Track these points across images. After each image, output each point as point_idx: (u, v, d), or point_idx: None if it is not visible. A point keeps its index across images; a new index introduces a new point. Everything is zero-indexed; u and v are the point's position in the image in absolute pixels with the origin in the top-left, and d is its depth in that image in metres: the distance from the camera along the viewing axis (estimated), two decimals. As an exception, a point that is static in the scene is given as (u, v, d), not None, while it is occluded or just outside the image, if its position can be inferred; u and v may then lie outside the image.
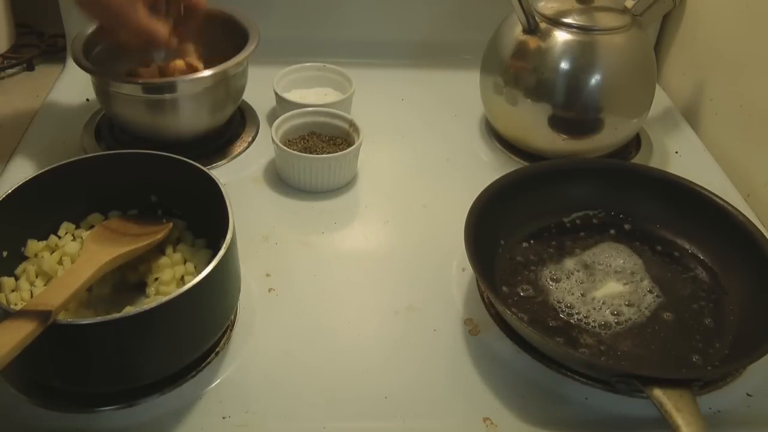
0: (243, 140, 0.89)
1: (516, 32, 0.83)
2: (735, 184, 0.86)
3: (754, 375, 0.61)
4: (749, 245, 0.67)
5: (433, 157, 0.88)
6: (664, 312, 0.66)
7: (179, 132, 0.84)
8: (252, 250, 0.71)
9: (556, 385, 0.60)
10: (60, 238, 0.65)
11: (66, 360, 0.53)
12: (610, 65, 0.81)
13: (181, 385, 0.58)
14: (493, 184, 0.71)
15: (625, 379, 0.54)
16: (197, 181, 0.63)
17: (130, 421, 0.56)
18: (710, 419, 0.55)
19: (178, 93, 0.80)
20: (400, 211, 0.80)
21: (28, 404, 0.56)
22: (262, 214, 0.78)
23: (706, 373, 0.61)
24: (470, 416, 0.57)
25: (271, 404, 0.58)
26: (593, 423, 0.57)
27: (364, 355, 0.62)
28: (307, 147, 0.83)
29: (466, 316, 0.66)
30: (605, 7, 0.84)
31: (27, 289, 0.60)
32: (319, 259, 0.72)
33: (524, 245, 0.73)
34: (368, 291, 0.69)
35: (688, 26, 1.03)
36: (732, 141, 0.91)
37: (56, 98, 0.96)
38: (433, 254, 0.73)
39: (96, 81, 0.82)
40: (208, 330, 0.58)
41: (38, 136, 0.89)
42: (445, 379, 0.61)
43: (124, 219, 0.67)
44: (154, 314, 0.51)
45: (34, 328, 0.47)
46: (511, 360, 0.62)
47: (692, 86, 1.00)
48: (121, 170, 0.66)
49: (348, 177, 0.82)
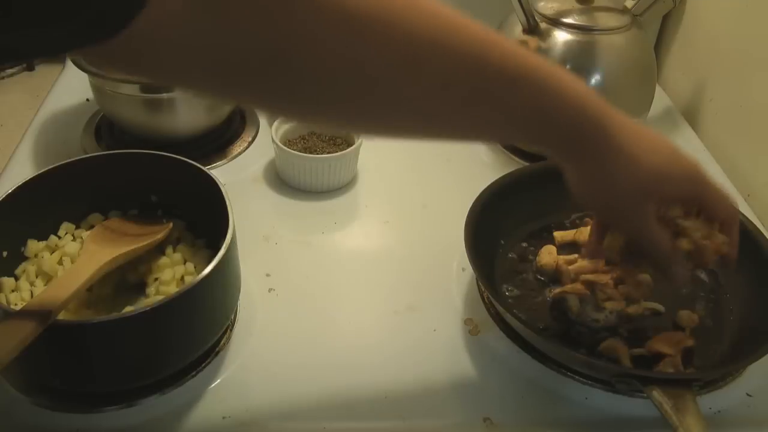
0: (243, 140, 0.90)
1: (516, 32, 0.83)
2: (735, 184, 0.86)
3: (754, 375, 0.61)
4: (749, 245, 0.67)
5: (433, 157, 0.88)
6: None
7: (177, 131, 0.84)
8: (252, 250, 0.71)
9: (556, 385, 0.60)
10: (60, 238, 0.65)
11: (66, 360, 0.53)
12: (610, 65, 0.81)
13: (182, 384, 0.58)
14: (493, 184, 0.71)
15: (625, 379, 0.54)
16: (197, 181, 0.63)
17: (130, 421, 0.56)
18: (710, 419, 0.55)
19: (175, 92, 0.80)
20: (400, 211, 0.80)
21: (28, 404, 0.56)
22: (262, 214, 0.78)
23: (706, 373, 0.61)
24: (470, 416, 0.57)
25: (271, 404, 0.58)
26: (593, 423, 0.57)
27: (364, 355, 0.62)
28: (307, 147, 0.83)
29: (466, 316, 0.66)
30: (605, 7, 0.84)
31: (27, 289, 0.60)
32: (319, 259, 0.72)
33: (524, 245, 0.73)
34: (368, 291, 0.69)
35: (688, 26, 1.03)
36: (732, 141, 0.91)
37: (56, 98, 0.96)
38: (433, 254, 0.73)
39: (94, 81, 0.82)
40: (208, 330, 0.58)
41: (38, 136, 0.89)
42: (445, 379, 0.61)
43: (124, 219, 0.67)
44: (154, 314, 0.51)
45: (34, 328, 0.47)
46: (511, 360, 0.62)
47: (692, 86, 1.00)
48: (121, 170, 0.66)
49: (348, 177, 0.82)
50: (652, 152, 0.49)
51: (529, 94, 0.43)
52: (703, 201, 0.52)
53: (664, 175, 0.49)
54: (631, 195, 0.49)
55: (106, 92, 0.81)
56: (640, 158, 0.48)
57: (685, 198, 0.52)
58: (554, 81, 0.44)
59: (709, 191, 0.52)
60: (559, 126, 0.46)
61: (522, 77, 0.43)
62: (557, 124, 0.46)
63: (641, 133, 0.49)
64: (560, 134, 0.46)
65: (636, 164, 0.48)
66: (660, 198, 0.50)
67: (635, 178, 0.48)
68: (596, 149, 0.47)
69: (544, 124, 0.46)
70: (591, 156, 0.48)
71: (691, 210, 0.54)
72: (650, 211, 0.50)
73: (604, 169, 0.48)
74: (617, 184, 0.49)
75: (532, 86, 0.43)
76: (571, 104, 0.45)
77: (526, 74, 0.43)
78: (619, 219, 0.52)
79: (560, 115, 0.45)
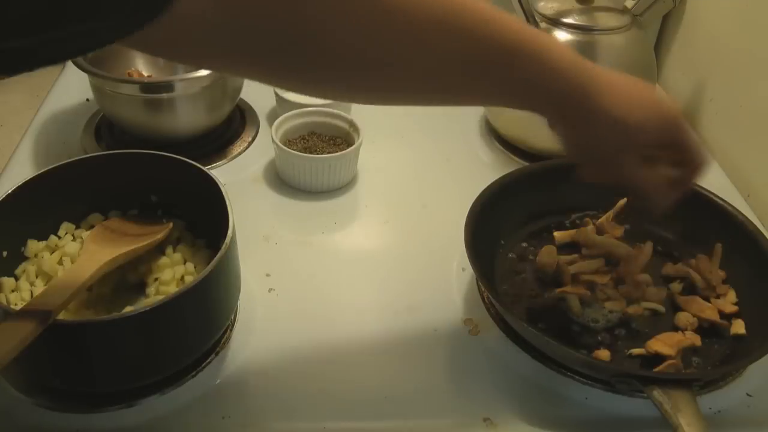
0: (243, 140, 0.90)
1: (516, 32, 0.83)
2: (735, 184, 0.86)
3: (754, 375, 0.61)
4: (749, 245, 0.67)
5: (433, 157, 0.88)
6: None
7: (177, 131, 0.84)
8: (252, 250, 0.71)
9: (556, 385, 0.60)
10: (60, 238, 0.65)
11: (66, 360, 0.53)
12: (610, 65, 0.81)
13: (182, 384, 0.58)
14: (493, 184, 0.71)
15: (625, 379, 0.54)
16: (197, 181, 0.63)
17: (130, 421, 0.56)
18: (710, 419, 0.55)
19: (175, 92, 0.80)
20: (400, 211, 0.80)
21: (28, 404, 0.56)
22: (262, 214, 0.78)
23: (706, 373, 0.61)
24: (470, 416, 0.57)
25: (271, 404, 0.58)
26: (593, 423, 0.57)
27: (364, 355, 0.62)
28: (307, 147, 0.83)
29: (466, 316, 0.66)
30: (605, 7, 0.84)
31: (27, 289, 0.60)
32: (319, 259, 0.72)
33: (524, 245, 0.73)
34: (368, 291, 0.69)
35: (688, 26, 1.03)
36: (732, 141, 0.91)
37: (56, 98, 0.96)
38: (433, 254, 0.73)
39: (94, 81, 0.82)
40: (208, 330, 0.58)
41: (38, 136, 0.89)
42: (445, 379, 0.61)
43: (124, 219, 0.67)
44: (154, 314, 0.51)
45: (34, 328, 0.47)
46: (511, 360, 0.62)
47: (692, 86, 1.00)
48: (121, 170, 0.66)
49: (348, 177, 0.82)
50: (635, 107, 0.54)
51: (522, 66, 0.48)
52: (678, 148, 0.58)
53: (645, 128, 0.54)
54: (615, 148, 0.55)
55: (106, 92, 0.81)
56: (622, 115, 0.53)
57: (663, 145, 0.57)
58: (545, 52, 0.49)
59: (684, 141, 0.57)
60: (548, 93, 0.51)
61: (517, 51, 0.48)
62: (547, 92, 0.51)
63: (624, 89, 0.54)
64: (549, 100, 0.52)
65: (619, 122, 0.53)
66: (641, 146, 0.56)
67: (618, 133, 0.54)
68: (582, 112, 0.52)
69: (535, 92, 0.51)
70: (577, 117, 0.53)
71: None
72: (632, 158, 0.56)
73: (589, 128, 0.54)
74: (602, 139, 0.55)
75: (525, 60, 0.48)
76: (561, 74, 0.50)
77: (521, 48, 0.48)
78: (606, 167, 0.57)
79: (549, 84, 0.50)
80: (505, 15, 0.47)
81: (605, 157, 0.56)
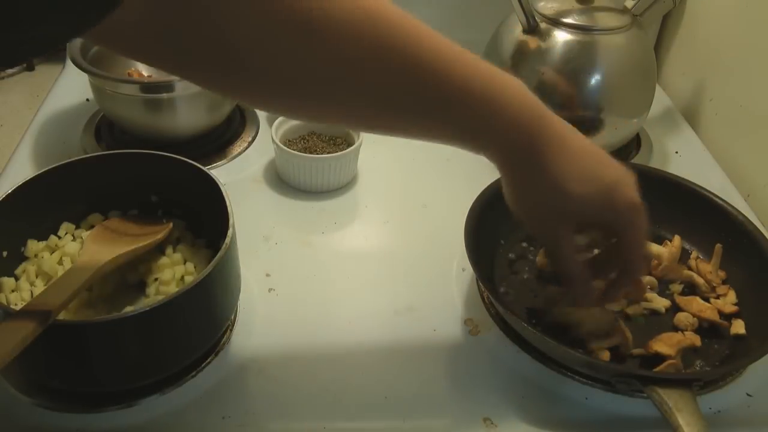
0: (243, 140, 0.90)
1: (516, 32, 0.83)
2: (735, 184, 0.86)
3: (754, 375, 0.61)
4: (749, 245, 0.67)
5: (433, 157, 0.88)
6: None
7: (177, 131, 0.84)
8: (252, 250, 0.71)
9: (556, 385, 0.60)
10: (60, 238, 0.65)
11: (66, 360, 0.53)
12: (610, 65, 0.81)
13: (181, 384, 0.58)
14: (494, 184, 0.71)
15: (625, 379, 0.54)
16: (197, 181, 0.63)
17: (130, 421, 0.56)
18: (710, 419, 0.55)
19: (175, 92, 0.80)
20: (400, 211, 0.80)
21: (28, 404, 0.56)
22: (262, 214, 0.78)
23: (706, 373, 0.61)
24: (470, 416, 0.57)
25: (271, 404, 0.58)
26: (593, 423, 0.57)
27: (364, 355, 0.62)
28: (307, 147, 0.83)
29: (466, 316, 0.66)
30: (605, 7, 0.84)
31: (27, 289, 0.60)
32: (319, 259, 0.72)
33: (524, 245, 0.73)
34: (368, 291, 0.69)
35: (688, 26, 1.03)
36: (732, 141, 0.91)
37: (56, 98, 0.96)
38: (433, 254, 0.73)
39: (94, 81, 0.82)
40: (208, 330, 0.58)
41: (38, 136, 0.89)
42: (445, 379, 0.61)
43: (124, 219, 0.67)
44: (154, 314, 0.51)
45: (34, 328, 0.47)
46: (511, 360, 0.62)
47: (692, 86, 1.00)
48: (121, 170, 0.66)
49: (348, 177, 0.82)
50: (585, 180, 0.50)
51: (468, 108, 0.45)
52: (621, 237, 0.53)
53: (587, 205, 0.50)
54: (551, 215, 0.52)
55: (106, 92, 0.81)
56: (567, 183, 0.49)
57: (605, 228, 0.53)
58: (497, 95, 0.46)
59: (630, 232, 0.52)
60: (494, 140, 0.48)
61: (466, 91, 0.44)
62: (493, 138, 0.48)
63: (579, 154, 0.50)
64: (497, 147, 0.48)
65: (561, 189, 0.49)
66: (579, 222, 0.52)
67: (557, 201, 0.50)
68: (526, 167, 0.49)
69: (481, 135, 0.48)
70: (521, 169, 0.50)
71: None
72: (566, 233, 0.52)
73: (529, 184, 0.50)
74: (540, 201, 0.51)
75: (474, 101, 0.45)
76: (510, 121, 0.47)
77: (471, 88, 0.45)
78: (538, 232, 0.54)
79: (498, 130, 0.47)
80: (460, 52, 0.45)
81: (540, 221, 0.53)
